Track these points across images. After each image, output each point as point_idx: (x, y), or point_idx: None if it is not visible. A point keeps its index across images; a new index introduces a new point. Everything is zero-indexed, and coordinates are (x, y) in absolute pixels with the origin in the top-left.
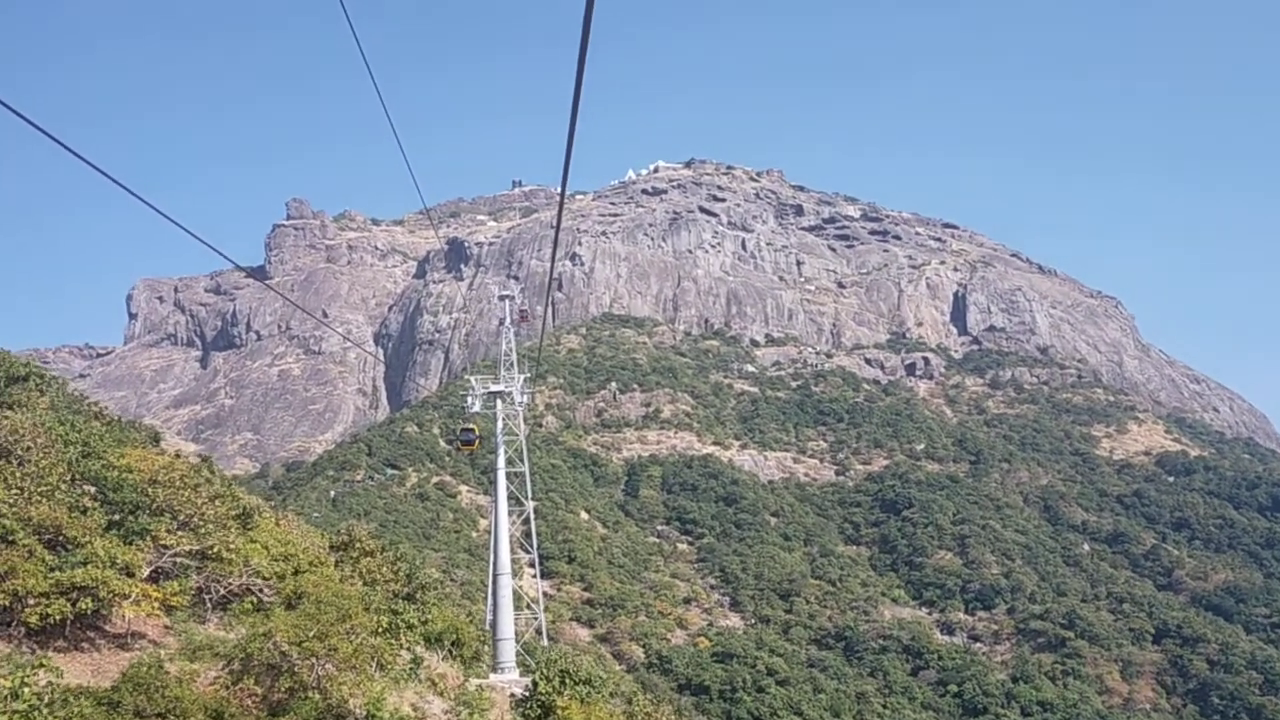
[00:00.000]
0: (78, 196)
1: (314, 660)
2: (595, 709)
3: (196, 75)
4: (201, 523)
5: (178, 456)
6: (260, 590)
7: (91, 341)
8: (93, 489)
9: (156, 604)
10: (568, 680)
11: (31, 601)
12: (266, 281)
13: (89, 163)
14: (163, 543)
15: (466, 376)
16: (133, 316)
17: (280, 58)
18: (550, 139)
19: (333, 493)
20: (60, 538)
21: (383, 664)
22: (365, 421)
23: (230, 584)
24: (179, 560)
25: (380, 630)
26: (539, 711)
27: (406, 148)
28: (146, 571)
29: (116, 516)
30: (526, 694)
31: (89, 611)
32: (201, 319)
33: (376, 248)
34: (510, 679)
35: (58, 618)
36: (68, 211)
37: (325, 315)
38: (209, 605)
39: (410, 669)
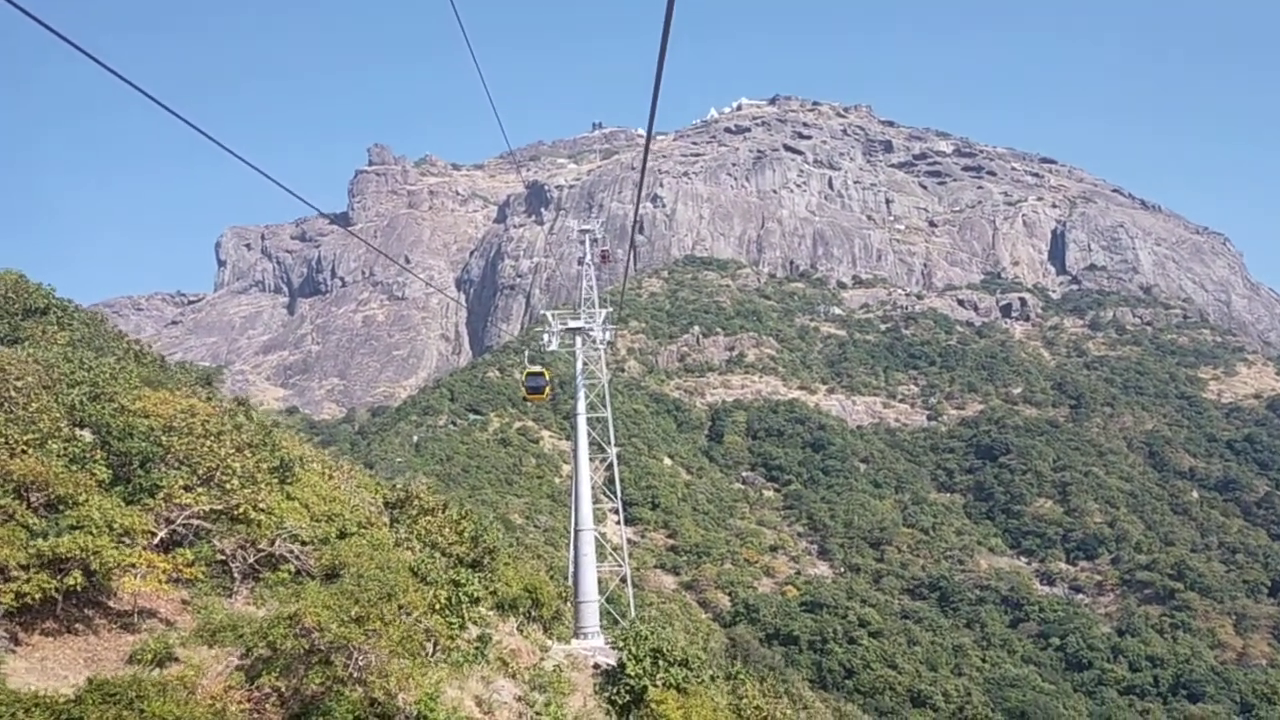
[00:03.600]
0: (170, 148)
1: (352, 648)
2: (696, 701)
3: (280, 27)
4: (226, 477)
5: (210, 399)
6: (296, 557)
7: (183, 289)
8: (96, 438)
9: (163, 576)
10: (660, 662)
11: (9, 575)
12: (349, 228)
13: (180, 116)
14: (178, 501)
15: (544, 313)
16: (222, 264)
17: (363, 6)
18: (630, 79)
19: (415, 438)
20: (53, 497)
21: (441, 646)
22: (448, 367)
23: (262, 550)
24: (196, 523)
25: (438, 607)
26: (627, 698)
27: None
28: (158, 536)
29: (126, 471)
30: (613, 670)
31: (78, 588)
32: (288, 266)
33: (457, 193)
34: (594, 645)
35: (37, 596)
36: (160, 163)
37: (408, 261)
38: (235, 576)
39: (476, 649)
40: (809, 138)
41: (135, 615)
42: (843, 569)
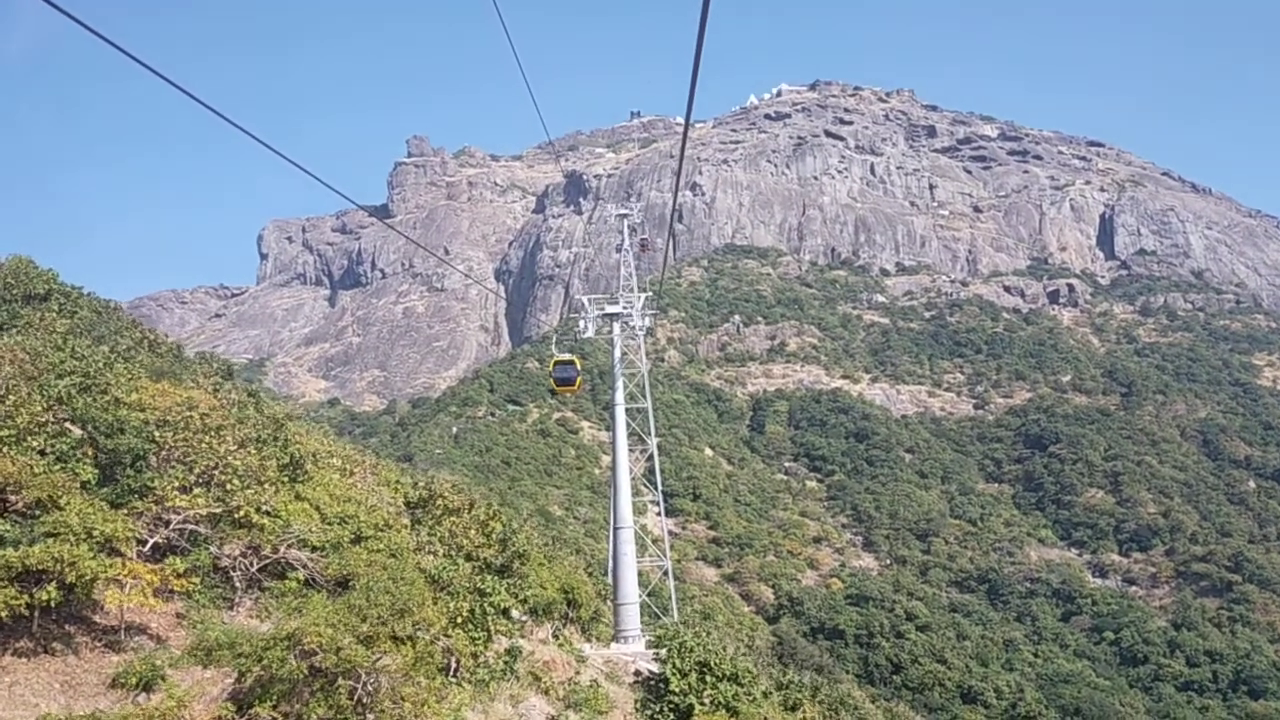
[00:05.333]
0: (213, 142)
1: (360, 671)
2: None
3: (321, 18)
4: (226, 476)
5: (216, 390)
6: (303, 565)
7: (227, 282)
8: (83, 434)
9: (149, 588)
10: (708, 676)
11: None
12: (388, 221)
13: (224, 117)
14: (171, 504)
15: (579, 298)
16: (264, 257)
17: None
18: (669, 68)
19: (455, 429)
20: (31, 500)
21: (464, 665)
22: (487, 358)
23: (266, 557)
24: (191, 528)
25: (461, 620)
26: (672, 718)
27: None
28: (149, 543)
29: (116, 470)
30: (655, 683)
31: (53, 603)
32: (329, 258)
33: (496, 183)
34: (635, 650)
35: (4, 613)
36: (204, 158)
37: (447, 252)
38: (237, 586)
39: (505, 663)
40: (850, 123)
41: (122, 632)
42: (888, 561)
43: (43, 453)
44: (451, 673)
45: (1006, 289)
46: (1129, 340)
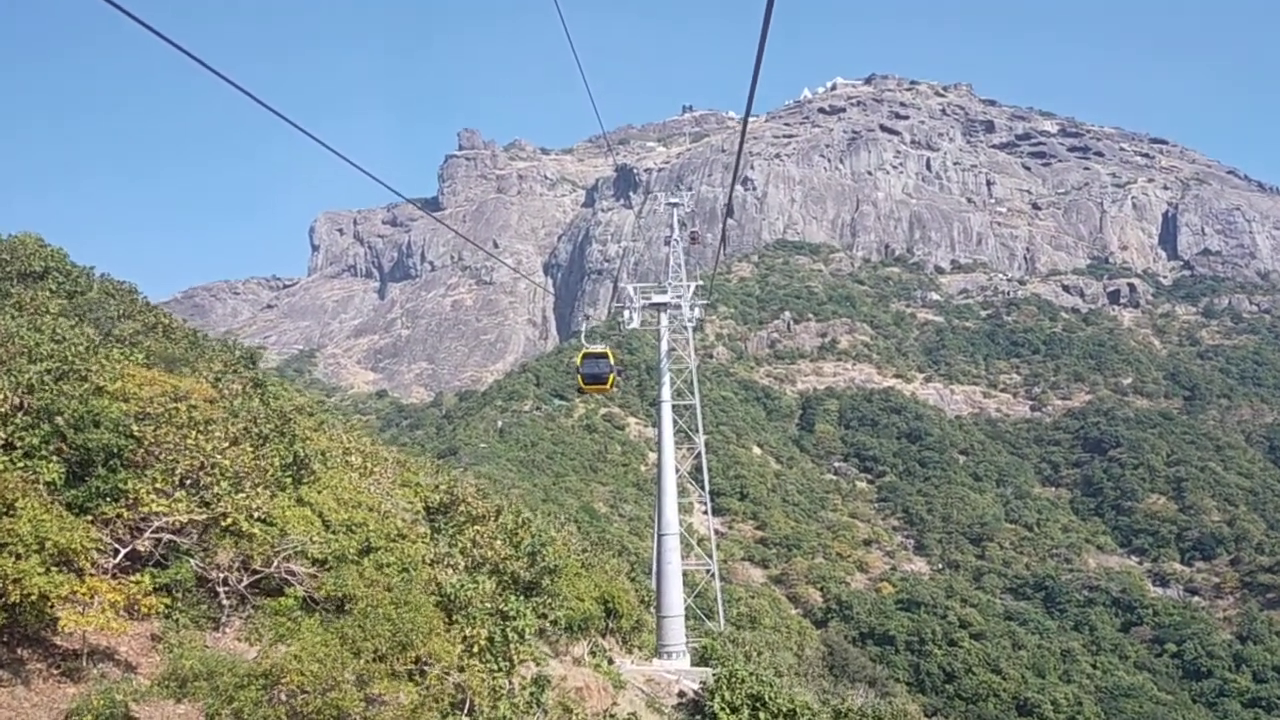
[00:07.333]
0: (266, 134)
1: (350, 717)
2: None
3: (375, 14)
4: (213, 478)
5: (218, 380)
6: (301, 581)
7: (279, 273)
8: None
9: (110, 608)
10: (761, 713)
11: None
12: (436, 214)
13: (276, 111)
14: (146, 509)
15: (625, 286)
16: (315, 248)
17: None
18: (721, 61)
19: (500, 423)
20: None
21: (480, 704)
22: (535, 352)
23: (258, 571)
24: (168, 537)
25: (479, 648)
26: None
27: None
28: (120, 555)
29: (94, 469)
30: (698, 703)
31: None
32: (379, 250)
33: (546, 177)
34: (678, 668)
35: None
36: (258, 150)
37: (495, 245)
38: (224, 604)
39: (531, 694)
40: (906, 118)
41: (85, 658)
42: (941, 566)
43: (8, 446)
44: (466, 710)
45: (1065, 288)
46: (1192, 342)
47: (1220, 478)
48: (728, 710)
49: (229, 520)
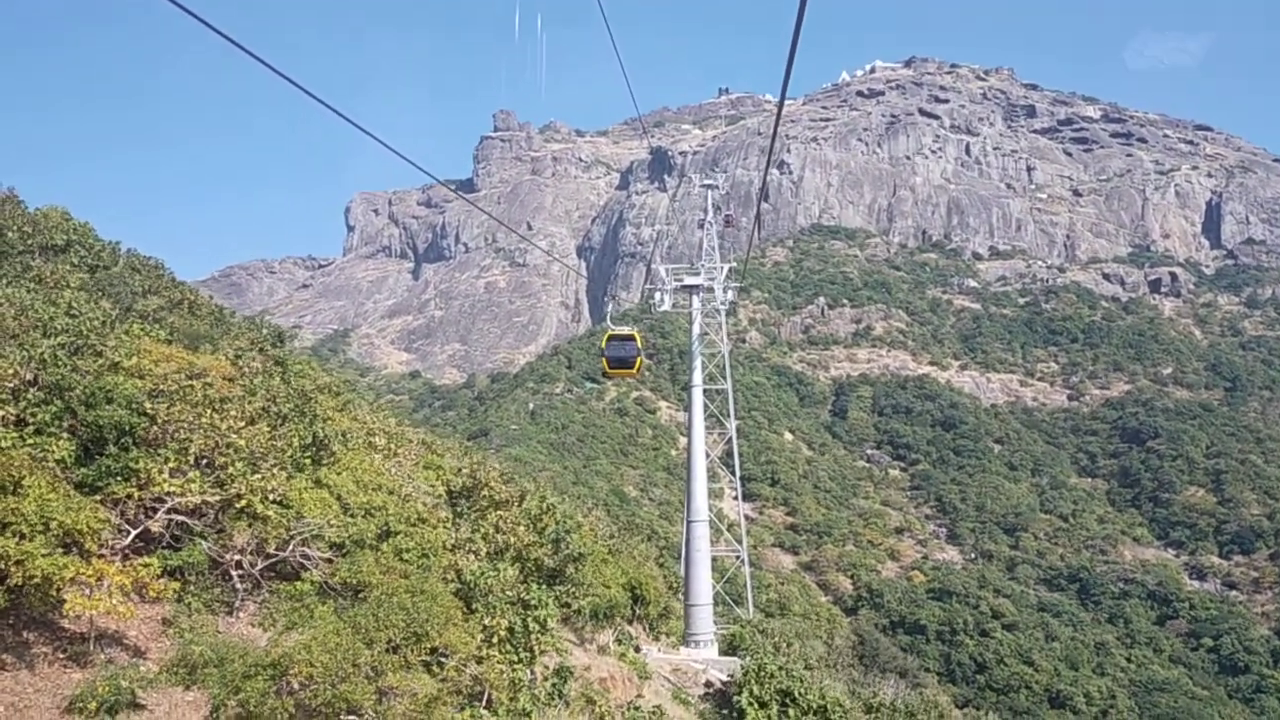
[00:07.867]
0: (305, 115)
1: (363, 712)
2: None
3: None
4: (228, 458)
5: (238, 358)
6: (317, 565)
7: (314, 253)
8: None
9: (117, 591)
10: (791, 710)
11: None
12: (469, 196)
13: (315, 96)
14: (158, 490)
15: (657, 267)
16: (350, 229)
17: None
18: (759, 44)
19: (531, 405)
20: None
21: (498, 697)
22: (567, 334)
23: (273, 555)
24: (180, 518)
25: (499, 638)
26: None
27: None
28: (130, 536)
29: (106, 447)
30: (726, 696)
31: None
32: (414, 231)
33: (580, 159)
34: (705, 657)
35: None
36: (295, 130)
37: (529, 228)
38: (238, 588)
39: (553, 685)
40: (946, 101)
41: (92, 642)
42: (974, 555)
43: (20, 422)
44: (485, 703)
45: (1105, 276)
46: (1234, 333)
47: (1260, 470)
48: (756, 705)
49: (244, 502)
